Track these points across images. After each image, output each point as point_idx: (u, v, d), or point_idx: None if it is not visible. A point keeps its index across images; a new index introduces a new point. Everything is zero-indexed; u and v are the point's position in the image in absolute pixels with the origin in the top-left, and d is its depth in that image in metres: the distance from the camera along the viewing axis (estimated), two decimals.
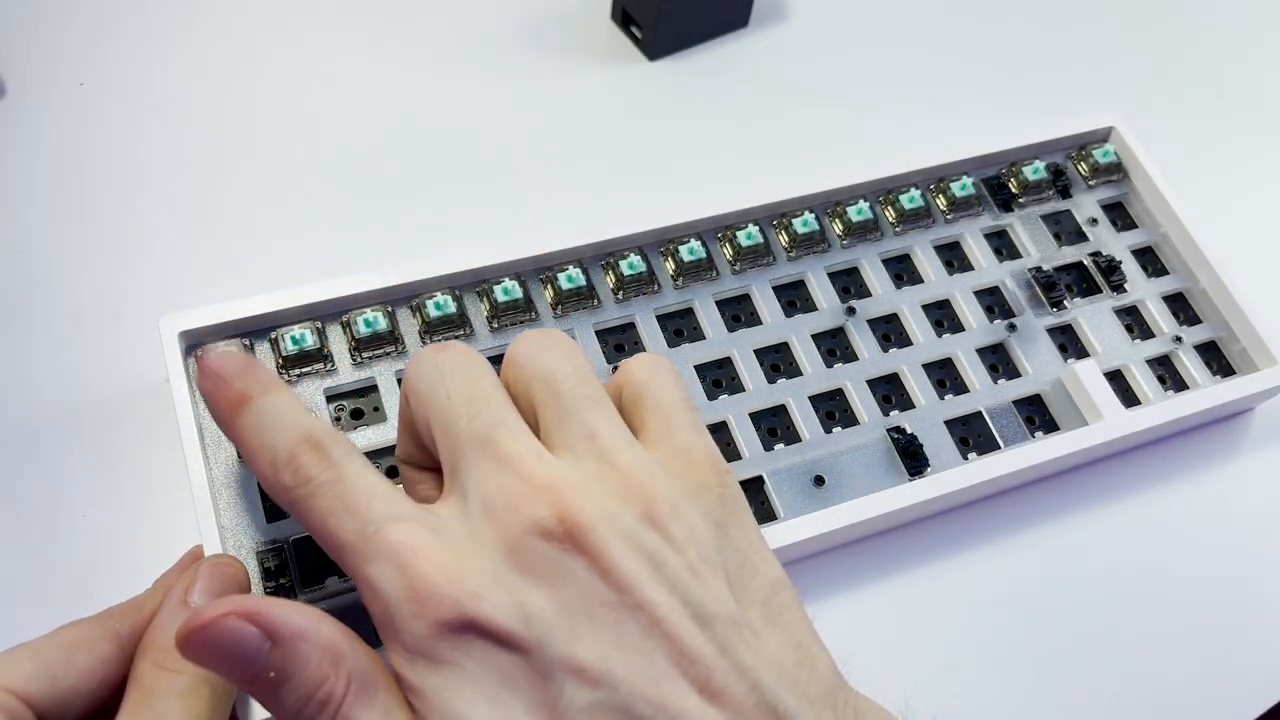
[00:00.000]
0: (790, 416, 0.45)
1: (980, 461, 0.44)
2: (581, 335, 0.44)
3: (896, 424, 0.45)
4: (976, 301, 0.49)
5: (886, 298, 0.48)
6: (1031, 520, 0.46)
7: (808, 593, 0.43)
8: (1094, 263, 0.51)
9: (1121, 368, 0.48)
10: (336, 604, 0.38)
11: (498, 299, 0.44)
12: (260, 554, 0.38)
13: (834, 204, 0.50)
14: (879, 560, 0.44)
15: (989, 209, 0.52)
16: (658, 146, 0.56)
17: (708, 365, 0.45)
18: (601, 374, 0.44)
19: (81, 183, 0.50)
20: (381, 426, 0.41)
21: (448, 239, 0.51)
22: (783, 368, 0.46)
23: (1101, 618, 0.45)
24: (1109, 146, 0.53)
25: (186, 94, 0.54)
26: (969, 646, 0.43)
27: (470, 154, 0.54)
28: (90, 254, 0.48)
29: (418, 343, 0.43)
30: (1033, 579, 0.45)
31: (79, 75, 0.54)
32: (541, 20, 0.60)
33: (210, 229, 0.50)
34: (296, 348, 0.42)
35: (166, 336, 0.40)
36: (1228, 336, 0.50)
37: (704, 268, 0.47)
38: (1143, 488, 0.48)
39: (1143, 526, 0.47)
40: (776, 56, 0.61)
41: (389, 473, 0.41)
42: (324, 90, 0.56)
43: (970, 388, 0.47)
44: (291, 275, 0.47)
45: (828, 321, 0.47)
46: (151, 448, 0.43)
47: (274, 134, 0.54)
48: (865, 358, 0.46)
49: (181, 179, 0.51)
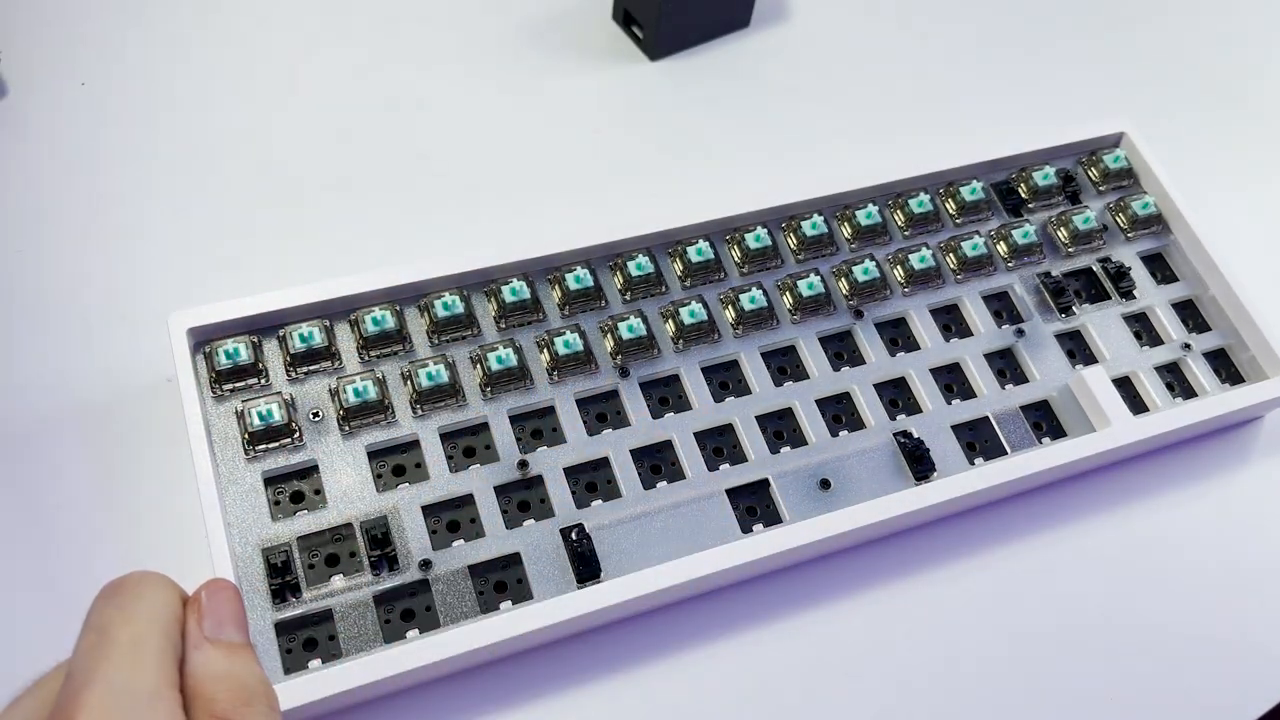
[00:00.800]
0: (797, 419, 0.45)
1: (987, 467, 0.44)
2: (589, 335, 0.44)
3: (903, 428, 0.45)
4: (985, 306, 0.49)
5: (895, 302, 0.48)
6: (1037, 526, 0.46)
7: (811, 596, 0.43)
8: (1103, 269, 0.51)
9: (1130, 374, 0.48)
10: (341, 601, 0.38)
11: (505, 299, 0.44)
12: (266, 551, 0.38)
13: (842, 208, 0.50)
14: (884, 564, 0.44)
15: (998, 213, 0.51)
16: (659, 146, 0.56)
17: (715, 367, 0.45)
18: (604, 373, 0.44)
19: (84, 182, 0.51)
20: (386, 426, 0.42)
21: (454, 238, 0.51)
22: (789, 371, 0.46)
23: (1107, 622, 0.44)
24: (1120, 152, 0.53)
25: (189, 93, 0.55)
26: (974, 650, 0.43)
27: (473, 154, 0.54)
28: (93, 253, 0.48)
29: (425, 342, 0.43)
30: (1039, 584, 0.45)
31: (81, 75, 0.54)
32: (543, 21, 0.60)
33: (212, 228, 0.50)
34: (305, 345, 0.42)
35: (175, 333, 0.40)
36: (1237, 344, 0.50)
37: (712, 269, 0.47)
38: (1151, 495, 0.48)
39: (1150, 533, 0.47)
40: (779, 57, 0.61)
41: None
42: (329, 90, 0.56)
43: (978, 393, 0.47)
44: (297, 274, 0.47)
45: (836, 325, 0.47)
46: (156, 445, 0.43)
47: (280, 133, 0.54)
48: (873, 361, 0.46)
49: (184, 178, 0.51)
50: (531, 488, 0.42)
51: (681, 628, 0.42)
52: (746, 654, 0.42)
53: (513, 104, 0.57)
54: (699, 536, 0.41)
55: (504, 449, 0.42)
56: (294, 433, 0.41)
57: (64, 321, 0.46)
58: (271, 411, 0.40)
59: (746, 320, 0.46)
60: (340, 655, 0.37)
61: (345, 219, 0.51)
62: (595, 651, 0.41)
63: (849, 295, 0.48)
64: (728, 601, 0.42)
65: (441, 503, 0.41)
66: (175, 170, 0.52)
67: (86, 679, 0.26)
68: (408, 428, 0.42)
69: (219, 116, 0.54)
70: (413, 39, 0.58)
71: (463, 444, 0.42)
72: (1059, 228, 0.51)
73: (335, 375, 0.42)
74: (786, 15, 0.63)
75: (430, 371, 0.42)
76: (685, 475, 0.42)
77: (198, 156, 0.52)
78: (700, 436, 0.43)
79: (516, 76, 0.58)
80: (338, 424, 0.41)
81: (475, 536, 0.40)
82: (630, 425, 0.43)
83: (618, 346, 0.44)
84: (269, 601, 0.37)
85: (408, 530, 0.40)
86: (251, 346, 0.41)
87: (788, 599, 0.43)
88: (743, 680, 0.41)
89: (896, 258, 0.49)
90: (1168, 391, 0.48)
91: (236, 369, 0.41)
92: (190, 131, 0.53)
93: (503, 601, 0.39)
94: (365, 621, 0.38)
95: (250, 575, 0.38)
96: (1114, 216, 0.52)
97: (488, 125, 0.56)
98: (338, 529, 0.39)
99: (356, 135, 0.54)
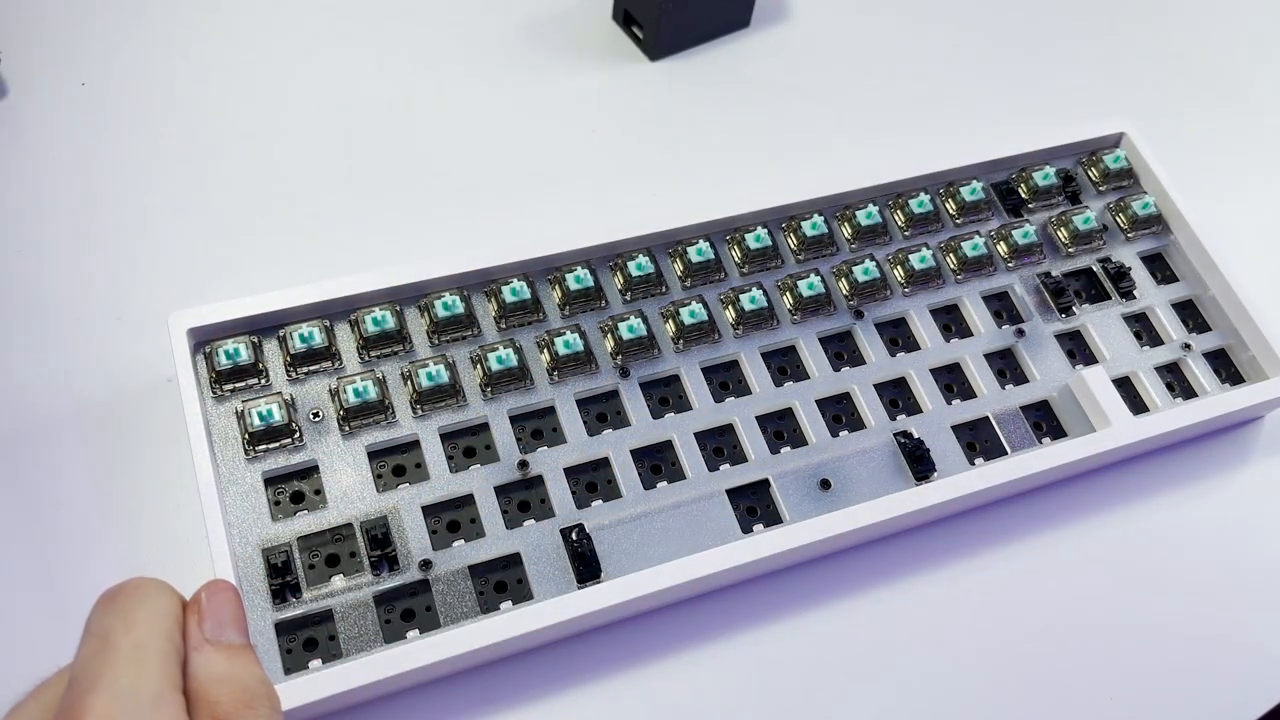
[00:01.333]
0: (797, 419, 0.45)
1: (987, 467, 0.44)
2: (589, 335, 0.44)
3: (903, 428, 0.45)
4: (985, 306, 0.49)
5: (895, 302, 0.48)
6: (1038, 526, 0.46)
7: (812, 596, 0.43)
8: (1103, 269, 0.51)
9: (1130, 374, 0.48)
10: (341, 601, 0.38)
11: (506, 299, 0.44)
12: (266, 551, 0.38)
13: (842, 208, 0.50)
14: (884, 564, 0.44)
15: (998, 214, 0.51)
16: (659, 146, 0.56)
17: (715, 367, 0.45)
18: (604, 373, 0.44)
19: (83, 182, 0.51)
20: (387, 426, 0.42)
21: (454, 238, 0.51)
22: (790, 371, 0.46)
23: (1107, 621, 0.44)
24: (1120, 152, 0.53)
25: (190, 93, 0.55)
26: (975, 650, 0.43)
27: (473, 154, 0.54)
28: (93, 253, 0.48)
29: (425, 342, 0.43)
30: (1039, 584, 0.45)
31: (81, 75, 0.54)
32: (543, 21, 0.60)
33: (212, 228, 0.50)
34: (305, 345, 0.42)
35: (175, 333, 0.40)
36: (1237, 344, 0.50)
37: (712, 269, 0.47)
38: (1150, 495, 0.48)
39: (1150, 533, 0.47)
40: (779, 57, 0.61)
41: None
42: (330, 90, 0.56)
43: (978, 393, 0.47)
44: (297, 274, 0.47)
45: (836, 325, 0.47)
46: (156, 445, 0.43)
47: (279, 132, 0.54)
48: (873, 361, 0.46)
49: (184, 178, 0.51)
50: (532, 488, 0.42)
51: (681, 628, 0.42)
52: (746, 654, 0.42)
53: (513, 104, 0.57)
54: (699, 536, 0.41)
55: (504, 449, 0.42)
56: (294, 433, 0.41)
57: (64, 321, 0.46)
58: (271, 411, 0.40)
59: (747, 320, 0.46)
60: (340, 655, 0.37)
61: (345, 219, 0.51)
62: (595, 651, 0.41)
63: (849, 295, 0.48)
64: (728, 601, 0.42)
65: (442, 503, 0.41)
66: (175, 170, 0.52)
67: (91, 684, 0.26)
68: (408, 428, 0.42)
69: (219, 116, 0.54)
70: (413, 39, 0.58)
71: (463, 444, 0.42)
72: (1059, 228, 0.51)
73: (335, 375, 0.42)
74: (786, 15, 0.63)
75: (430, 371, 0.42)
76: (685, 475, 0.42)
77: (198, 156, 0.52)
78: (700, 436, 0.43)
79: (516, 76, 0.58)
80: (338, 424, 0.41)
81: (475, 536, 0.40)
82: (630, 425, 0.43)
83: (618, 346, 0.44)
84: (269, 602, 0.37)
85: (408, 530, 0.40)
86: (251, 346, 0.41)
87: (788, 599, 0.43)
88: (743, 680, 0.41)
89: (896, 258, 0.49)
90: (1168, 391, 0.48)
91: (236, 369, 0.41)
92: (190, 131, 0.53)
93: (503, 601, 0.39)
94: (365, 621, 0.38)
95: (250, 575, 0.38)
96: (1114, 216, 0.52)
97: (488, 125, 0.56)
98: (338, 529, 0.39)
99: (356, 135, 0.54)
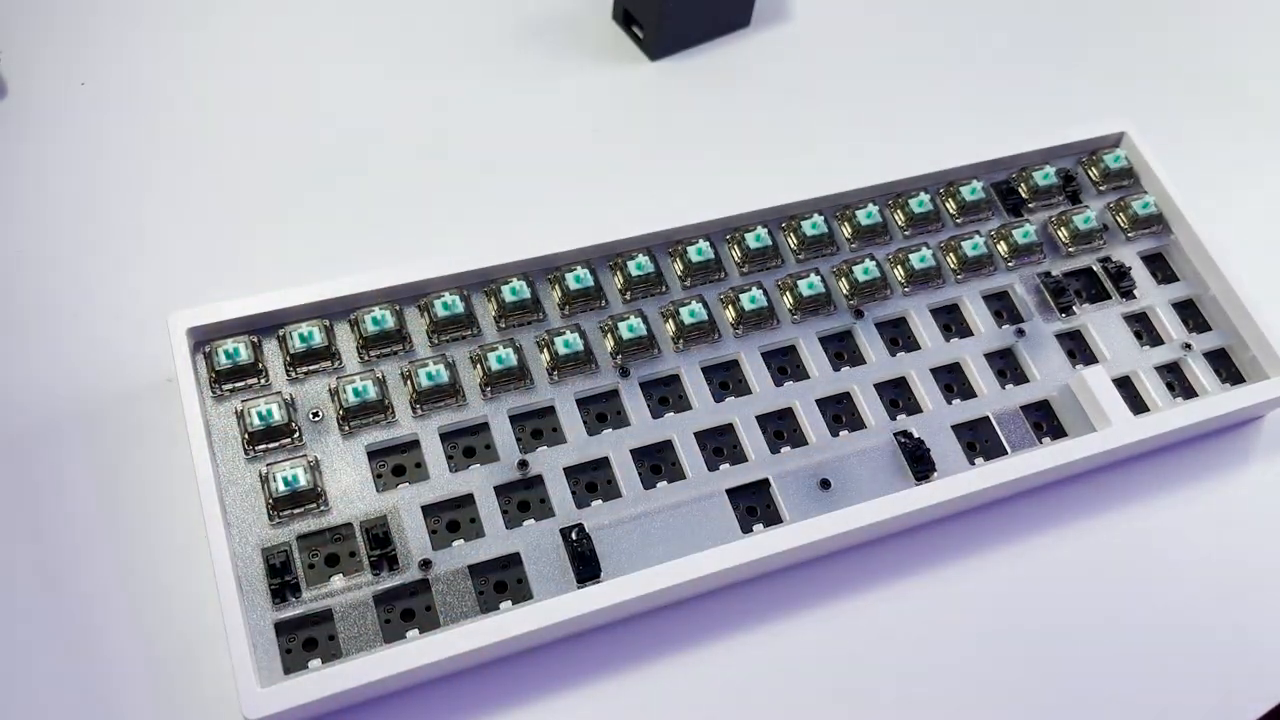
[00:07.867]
0: (797, 419, 0.45)
1: (987, 467, 0.44)
2: (589, 335, 0.44)
3: (904, 428, 0.45)
4: (985, 306, 0.49)
5: (895, 302, 0.48)
6: (1037, 526, 0.46)
7: (812, 596, 0.43)
8: (1103, 269, 0.51)
9: (1130, 374, 0.48)
10: (341, 601, 0.38)
11: (505, 299, 0.44)
12: (265, 551, 0.38)
13: (842, 208, 0.50)
14: (884, 564, 0.44)
15: (998, 213, 0.51)
16: (659, 146, 0.56)
17: (715, 367, 0.45)
18: (604, 373, 0.44)
19: (83, 182, 0.51)
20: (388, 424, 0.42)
21: (454, 238, 0.51)
22: (790, 370, 0.46)
23: (1107, 620, 0.44)
24: (1120, 152, 0.53)
25: (189, 93, 0.55)
26: (975, 649, 0.43)
27: (473, 154, 0.54)
28: (93, 253, 0.48)
29: (425, 342, 0.43)
30: (1039, 584, 0.45)
31: (81, 75, 0.54)
32: (543, 21, 0.60)
33: (212, 228, 0.50)
34: (304, 345, 0.42)
35: (175, 333, 0.40)
36: (1238, 344, 0.50)
37: (712, 269, 0.47)
38: (1151, 495, 0.48)
39: (1150, 533, 0.47)
40: (779, 56, 0.61)
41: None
42: (329, 90, 0.56)
43: (978, 393, 0.47)
44: (297, 274, 0.47)
45: (836, 325, 0.47)
46: (156, 445, 0.43)
47: (280, 132, 0.54)
48: (873, 361, 0.46)
49: (184, 178, 0.51)
50: (531, 488, 0.41)
51: (681, 628, 0.42)
52: (746, 654, 0.42)
53: (513, 104, 0.57)
54: (699, 536, 0.41)
55: (504, 449, 0.42)
56: (294, 433, 0.41)
57: (64, 321, 0.46)
58: (271, 411, 0.40)
59: (747, 320, 0.46)
60: (340, 655, 0.37)
61: (345, 219, 0.51)
62: (595, 651, 0.41)
63: (849, 295, 0.48)
64: (728, 601, 0.42)
65: (441, 503, 0.41)
66: (175, 170, 0.52)
67: None
68: (408, 428, 0.42)
69: (219, 116, 0.54)
70: (413, 39, 0.58)
71: (463, 444, 0.42)
72: (1059, 227, 0.51)
73: (335, 375, 0.42)
74: (786, 15, 0.63)
75: (430, 371, 0.42)
76: (685, 475, 0.42)
77: (198, 156, 0.52)
78: (700, 436, 0.43)
79: (516, 77, 0.58)
80: (338, 424, 0.41)
81: (475, 536, 0.40)
82: (630, 425, 0.43)
83: (618, 346, 0.44)
84: (269, 601, 0.37)
85: (408, 530, 0.40)
86: (251, 346, 0.41)
87: (788, 599, 0.43)
88: (743, 680, 0.41)
89: (897, 258, 0.49)
90: (1168, 391, 0.48)
91: (236, 369, 0.41)
92: (190, 131, 0.53)
93: (503, 601, 0.39)
94: (365, 621, 0.38)
95: (250, 575, 0.38)
96: (1114, 216, 0.52)
97: (488, 125, 0.56)
98: (338, 529, 0.39)
99: (356, 135, 0.54)
